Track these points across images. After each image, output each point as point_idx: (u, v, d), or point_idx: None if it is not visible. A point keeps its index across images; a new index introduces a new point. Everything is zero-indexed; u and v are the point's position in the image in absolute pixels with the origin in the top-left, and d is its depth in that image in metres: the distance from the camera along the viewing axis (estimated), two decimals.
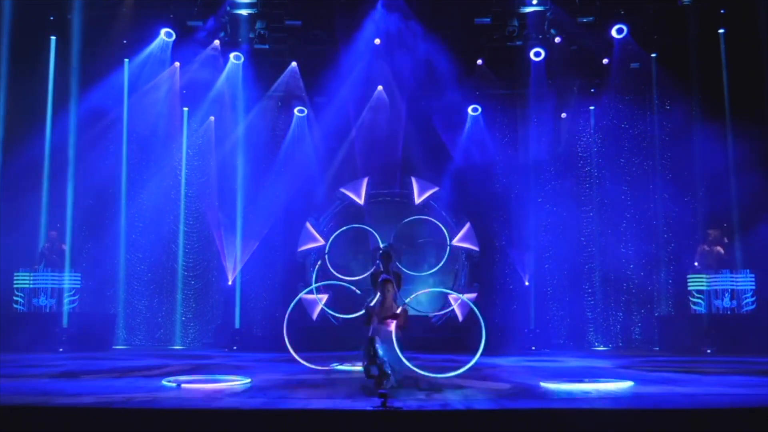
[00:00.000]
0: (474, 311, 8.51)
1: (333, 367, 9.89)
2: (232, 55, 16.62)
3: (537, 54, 16.50)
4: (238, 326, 15.85)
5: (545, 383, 8.31)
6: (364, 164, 16.95)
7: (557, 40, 16.39)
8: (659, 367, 10.81)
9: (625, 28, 15.94)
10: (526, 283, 16.43)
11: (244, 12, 16.22)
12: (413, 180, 16.87)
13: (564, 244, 16.54)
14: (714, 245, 14.91)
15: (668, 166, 16.36)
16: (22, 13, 14.49)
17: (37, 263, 14.84)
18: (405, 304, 8.00)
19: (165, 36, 16.10)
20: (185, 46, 16.32)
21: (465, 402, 6.76)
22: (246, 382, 8.48)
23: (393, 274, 8.96)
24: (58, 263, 14.77)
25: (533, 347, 15.48)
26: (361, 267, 15.77)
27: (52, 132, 15.27)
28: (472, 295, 16.30)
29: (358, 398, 6.99)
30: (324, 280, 13.96)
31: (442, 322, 16.44)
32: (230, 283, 16.08)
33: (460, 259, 17.04)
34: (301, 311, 15.51)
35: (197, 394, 7.39)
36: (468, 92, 17.20)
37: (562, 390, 7.83)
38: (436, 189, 16.90)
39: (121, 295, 16.36)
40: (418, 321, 15.46)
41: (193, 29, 16.21)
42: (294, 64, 16.86)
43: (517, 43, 16.55)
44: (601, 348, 16.29)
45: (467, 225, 16.64)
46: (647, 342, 16.13)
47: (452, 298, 15.77)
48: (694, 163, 15.78)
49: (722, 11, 15.53)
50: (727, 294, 14.52)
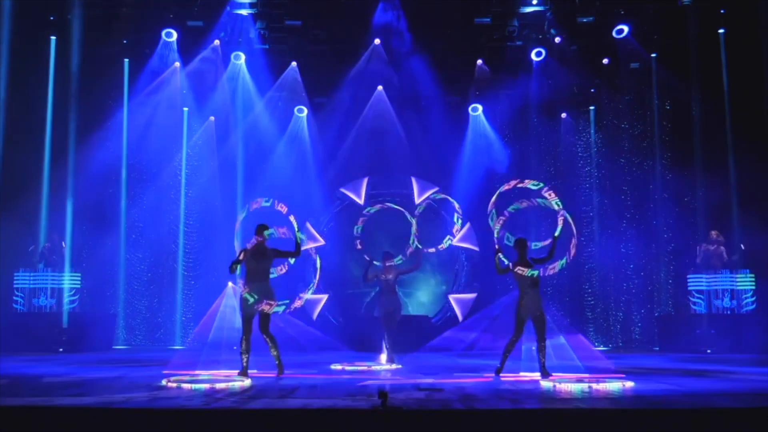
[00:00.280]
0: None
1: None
2: (232, 54, 16.62)
3: (537, 54, 16.51)
4: (237, 326, 15.82)
5: (545, 383, 8.30)
6: (364, 164, 16.93)
7: (557, 40, 16.40)
8: (659, 367, 10.81)
9: (625, 28, 15.94)
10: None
11: (244, 12, 16.22)
12: (413, 180, 16.86)
13: (564, 244, 16.51)
14: (716, 245, 14.90)
15: (668, 166, 16.35)
16: (22, 13, 14.49)
17: (38, 262, 14.85)
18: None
19: (165, 36, 16.10)
20: (185, 46, 16.33)
21: (465, 402, 6.76)
22: (246, 382, 8.49)
23: (393, 269, 11.60)
24: (58, 263, 14.78)
25: (533, 347, 15.45)
26: (359, 267, 15.76)
27: (52, 132, 15.27)
28: (472, 295, 16.33)
29: (358, 398, 6.99)
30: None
31: (442, 322, 16.44)
32: (231, 284, 16.04)
33: (460, 259, 17.04)
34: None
35: (197, 393, 7.40)
36: (468, 92, 17.21)
37: (562, 390, 7.83)
38: (436, 189, 16.87)
39: (121, 295, 16.36)
40: (418, 321, 15.49)
41: (194, 29, 16.22)
42: (294, 64, 16.87)
43: (517, 43, 16.56)
44: (601, 348, 16.28)
45: (467, 225, 16.62)
46: (647, 342, 16.13)
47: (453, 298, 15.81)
48: (694, 163, 15.79)
49: (722, 11, 15.53)
50: (727, 294, 14.53)
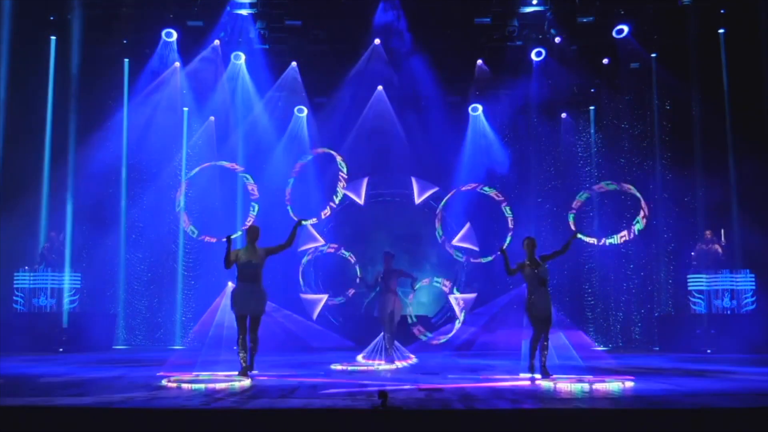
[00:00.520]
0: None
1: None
2: (232, 54, 16.62)
3: (537, 54, 16.51)
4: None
5: (545, 383, 8.30)
6: (364, 164, 16.93)
7: (557, 40, 16.40)
8: (659, 367, 10.80)
9: (625, 28, 15.94)
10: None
11: (244, 12, 16.22)
12: (413, 180, 16.86)
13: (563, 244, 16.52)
14: (710, 245, 14.91)
15: (668, 166, 16.35)
16: (22, 13, 14.50)
17: (38, 263, 14.85)
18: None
19: (165, 36, 16.10)
20: (185, 45, 16.33)
21: (465, 402, 6.76)
22: (246, 382, 8.49)
23: (393, 270, 11.74)
24: (58, 263, 14.78)
25: (529, 345, 15.44)
26: (359, 267, 15.79)
27: (52, 132, 15.27)
28: (472, 296, 16.31)
29: (358, 398, 6.99)
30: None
31: (442, 322, 16.43)
32: (230, 283, 16.05)
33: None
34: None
35: (197, 393, 7.40)
36: (468, 92, 17.21)
37: (562, 390, 7.83)
38: (436, 189, 16.88)
39: (121, 295, 16.36)
40: (418, 321, 15.46)
41: (194, 29, 16.22)
42: (294, 64, 16.86)
43: (517, 43, 16.56)
44: (601, 348, 16.28)
45: (467, 225, 16.62)
46: (647, 342, 16.13)
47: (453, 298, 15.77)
48: (694, 163, 15.79)
49: (722, 11, 15.53)
50: (727, 294, 14.53)
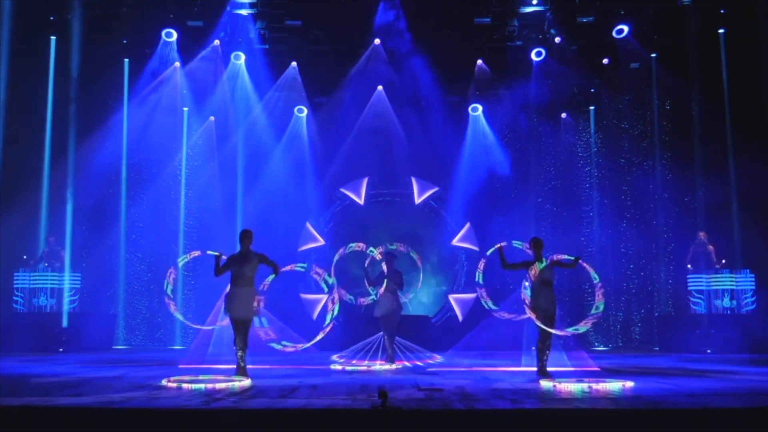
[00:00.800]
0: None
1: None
2: (232, 54, 16.62)
3: (537, 54, 16.51)
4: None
5: (545, 383, 8.31)
6: (364, 164, 16.93)
7: (557, 40, 16.40)
8: (659, 367, 10.80)
9: (625, 28, 15.94)
10: (526, 283, 16.39)
11: (244, 12, 16.22)
12: (413, 180, 16.86)
13: (564, 244, 16.54)
14: (704, 246, 14.90)
15: (668, 166, 16.35)
16: (22, 13, 14.50)
17: (38, 262, 14.86)
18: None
19: (165, 36, 16.10)
20: (185, 45, 16.32)
21: (465, 402, 6.76)
22: (246, 381, 8.49)
23: (395, 272, 11.59)
24: (57, 266, 14.78)
25: (533, 347, 15.44)
26: (359, 267, 15.80)
27: (52, 132, 15.27)
28: (472, 296, 16.30)
29: (358, 398, 6.99)
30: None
31: (442, 322, 16.44)
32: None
33: (460, 259, 17.04)
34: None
35: (197, 393, 7.40)
36: (468, 92, 17.20)
37: (562, 390, 7.83)
38: (436, 189, 16.89)
39: (121, 295, 16.36)
40: (418, 321, 15.48)
41: (194, 29, 16.21)
42: (294, 64, 16.86)
43: (517, 43, 16.56)
44: (601, 348, 16.28)
45: (467, 225, 16.63)
46: (647, 342, 16.12)
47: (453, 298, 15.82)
48: (694, 163, 15.79)
49: (722, 11, 15.53)
50: (727, 294, 14.52)
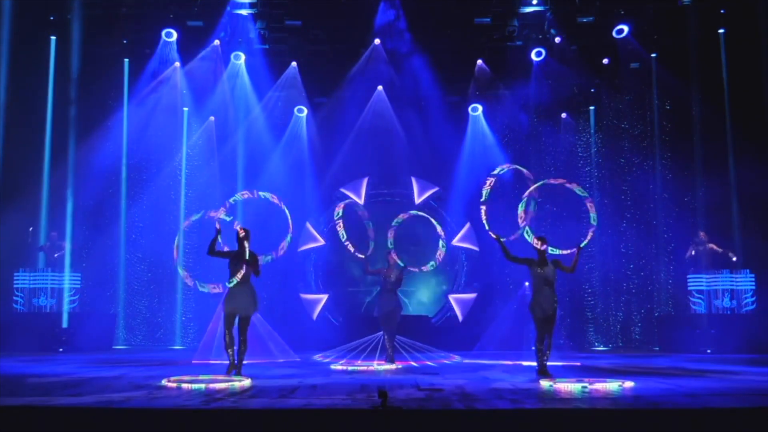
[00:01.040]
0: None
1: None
2: (232, 54, 16.62)
3: (537, 54, 16.52)
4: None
5: (545, 383, 8.31)
6: (364, 164, 16.94)
7: (557, 40, 16.40)
8: (659, 367, 10.81)
9: (625, 28, 15.94)
10: (526, 284, 16.39)
11: (244, 12, 16.22)
12: (413, 180, 16.86)
13: (564, 244, 16.53)
14: (703, 245, 14.89)
15: (668, 166, 16.36)
16: (22, 13, 14.50)
17: (38, 251, 14.90)
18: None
19: (165, 36, 16.10)
20: (185, 45, 16.33)
21: (465, 402, 6.76)
22: (245, 381, 8.49)
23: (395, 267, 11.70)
24: (58, 263, 14.79)
25: (533, 347, 15.45)
26: (359, 267, 15.86)
27: (52, 132, 15.28)
28: (472, 296, 16.32)
29: (358, 398, 6.99)
30: None
31: (442, 322, 16.45)
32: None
33: (460, 259, 17.05)
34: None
35: (197, 393, 7.40)
36: (468, 92, 17.21)
37: (562, 390, 7.83)
38: (436, 189, 16.89)
39: (121, 295, 16.36)
40: (418, 321, 15.50)
41: (194, 29, 16.21)
42: (294, 64, 16.87)
43: (517, 43, 16.56)
44: (601, 348, 16.28)
45: (467, 225, 16.63)
46: (647, 342, 16.13)
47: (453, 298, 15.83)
48: (694, 163, 15.79)
49: (722, 11, 15.53)
50: (727, 294, 14.53)
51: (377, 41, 16.51)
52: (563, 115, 17.32)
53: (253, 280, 9.52)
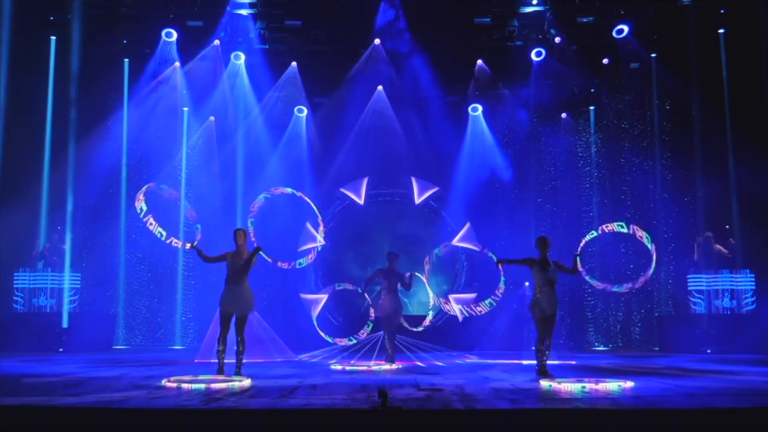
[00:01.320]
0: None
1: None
2: (232, 54, 16.62)
3: (537, 54, 16.51)
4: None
5: (545, 383, 8.31)
6: (364, 164, 16.93)
7: (557, 40, 16.40)
8: (659, 367, 10.81)
9: (625, 28, 15.94)
10: (526, 284, 16.40)
11: (244, 12, 16.22)
12: (413, 180, 16.85)
13: (564, 244, 16.54)
14: (710, 246, 14.90)
15: (668, 166, 16.35)
16: (22, 13, 14.50)
17: (37, 260, 14.87)
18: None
19: (165, 36, 16.10)
20: (185, 45, 16.32)
21: (465, 402, 6.76)
22: (246, 381, 8.49)
23: (396, 272, 11.82)
24: (58, 264, 14.78)
25: (533, 347, 15.44)
26: (359, 267, 15.94)
27: (52, 132, 15.27)
28: (472, 296, 16.28)
29: (358, 398, 6.98)
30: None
31: (442, 322, 16.42)
32: None
33: (460, 259, 17.04)
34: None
35: (197, 393, 7.40)
36: (468, 92, 17.20)
37: (562, 390, 7.83)
38: (436, 189, 16.88)
39: (121, 295, 16.36)
40: (418, 321, 15.48)
41: (194, 29, 16.21)
42: (294, 64, 16.86)
43: (517, 43, 16.56)
44: (601, 348, 16.28)
45: (467, 225, 16.61)
46: (647, 342, 16.13)
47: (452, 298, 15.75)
48: (695, 163, 15.79)
49: (722, 11, 15.53)
50: (727, 294, 14.53)
51: (377, 41, 16.50)
52: (563, 115, 17.31)
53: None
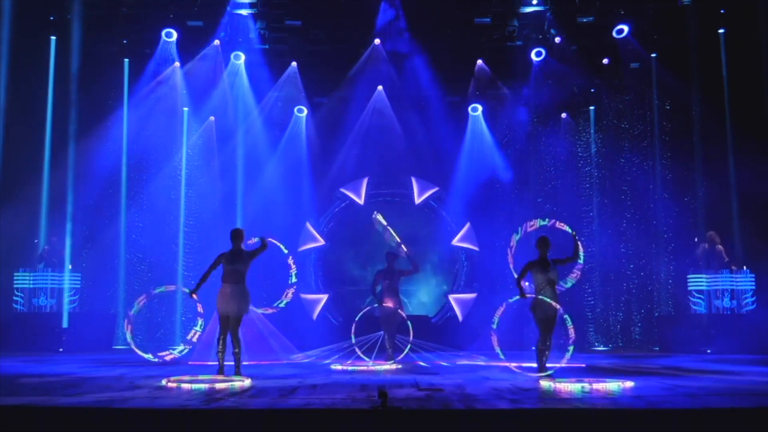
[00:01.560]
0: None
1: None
2: (232, 54, 16.61)
3: (537, 54, 16.51)
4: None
5: (545, 383, 8.31)
6: (364, 164, 16.93)
7: (557, 40, 16.40)
8: (659, 367, 10.81)
9: (625, 28, 15.94)
10: (526, 283, 16.37)
11: (244, 12, 16.21)
12: (413, 180, 16.85)
13: (564, 244, 16.52)
14: (714, 245, 14.90)
15: (668, 166, 16.35)
16: (22, 13, 14.50)
17: (37, 263, 14.86)
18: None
19: (165, 36, 16.09)
20: (185, 45, 16.32)
21: (465, 402, 6.76)
22: (246, 381, 8.49)
23: (396, 271, 11.93)
24: (57, 266, 14.78)
25: (533, 347, 15.44)
26: (359, 267, 15.97)
27: (52, 132, 15.27)
28: (472, 296, 16.30)
29: (358, 398, 6.99)
30: None
31: (443, 322, 16.44)
32: None
33: (460, 259, 17.04)
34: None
35: (197, 393, 7.40)
36: (468, 92, 17.20)
37: (562, 390, 7.83)
38: (436, 189, 16.88)
39: (121, 295, 16.35)
40: (418, 321, 15.49)
41: (194, 29, 16.21)
42: (294, 64, 16.86)
43: (517, 43, 16.55)
44: (601, 348, 16.28)
45: (467, 225, 16.62)
46: (647, 342, 16.12)
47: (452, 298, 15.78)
48: (695, 163, 15.79)
49: (722, 11, 15.53)
50: (727, 294, 14.52)
51: (377, 41, 16.50)
52: (563, 115, 17.31)
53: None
